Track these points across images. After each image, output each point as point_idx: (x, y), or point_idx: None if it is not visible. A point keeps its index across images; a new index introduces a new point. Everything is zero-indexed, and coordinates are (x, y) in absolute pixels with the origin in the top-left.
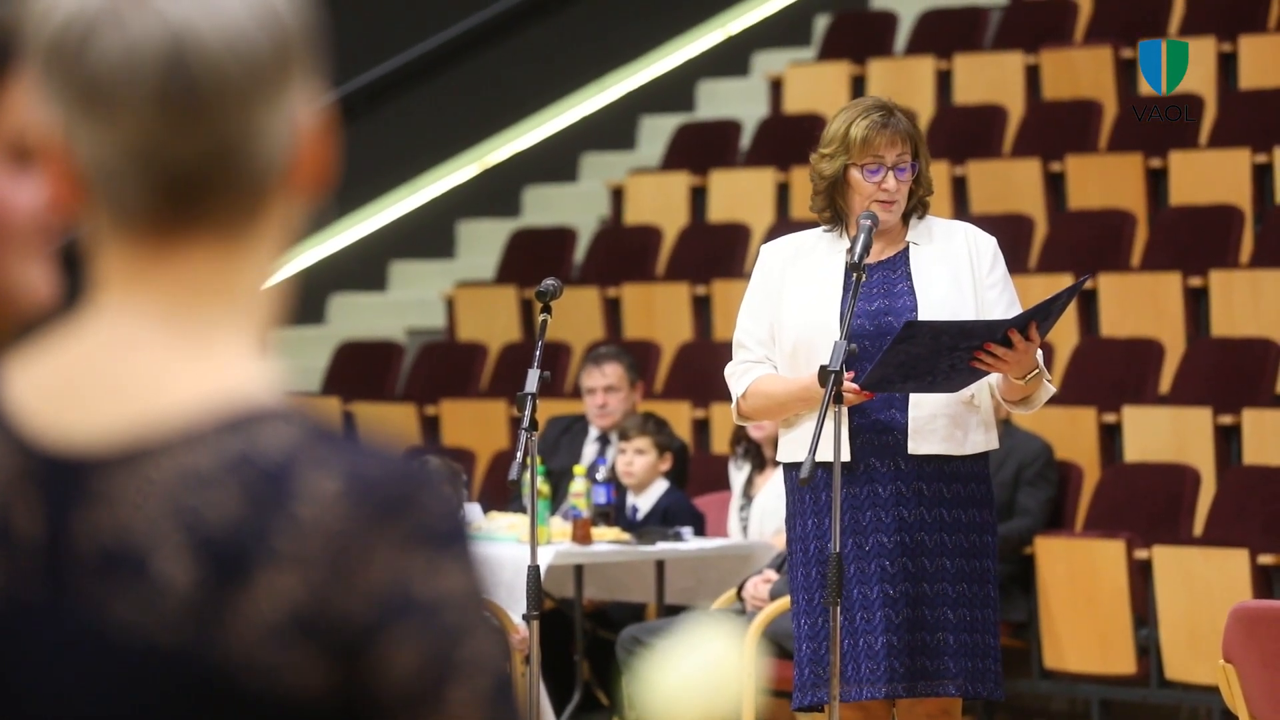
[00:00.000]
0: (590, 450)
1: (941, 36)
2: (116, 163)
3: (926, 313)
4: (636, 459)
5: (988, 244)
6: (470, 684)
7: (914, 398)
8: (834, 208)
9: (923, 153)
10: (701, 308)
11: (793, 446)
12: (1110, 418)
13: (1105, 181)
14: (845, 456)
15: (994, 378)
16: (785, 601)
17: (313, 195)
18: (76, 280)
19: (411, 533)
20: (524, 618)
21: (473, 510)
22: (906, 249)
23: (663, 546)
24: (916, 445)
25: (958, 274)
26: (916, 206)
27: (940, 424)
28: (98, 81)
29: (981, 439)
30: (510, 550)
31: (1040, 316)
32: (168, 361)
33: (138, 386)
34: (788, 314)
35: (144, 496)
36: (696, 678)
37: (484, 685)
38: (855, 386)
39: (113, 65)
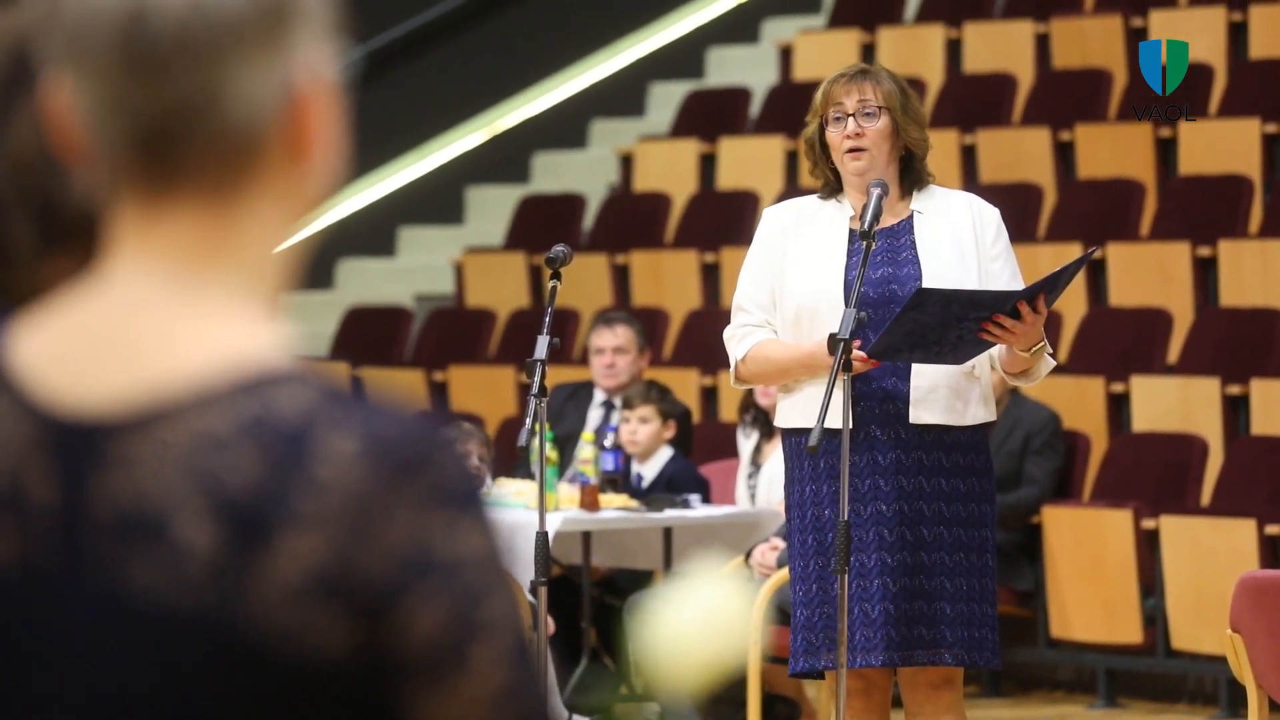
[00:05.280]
0: (595, 415)
1: (951, 4)
2: (97, 116)
3: (931, 283)
4: (640, 427)
5: (991, 215)
6: (492, 643)
7: (916, 367)
8: (831, 174)
9: (909, 110)
10: (710, 275)
11: (792, 412)
12: (1118, 387)
13: (1115, 151)
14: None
15: (995, 350)
16: None
17: (319, 161)
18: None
19: (430, 493)
20: (532, 584)
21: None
22: (911, 217)
23: (671, 514)
24: (918, 415)
25: (961, 244)
26: (918, 178)
27: (941, 394)
28: (70, 36)
29: (981, 411)
30: (518, 516)
31: (1048, 288)
32: (175, 323)
33: (147, 348)
34: (790, 281)
35: (161, 460)
36: (699, 625)
37: (506, 644)
38: (863, 355)
39: (79, 19)
